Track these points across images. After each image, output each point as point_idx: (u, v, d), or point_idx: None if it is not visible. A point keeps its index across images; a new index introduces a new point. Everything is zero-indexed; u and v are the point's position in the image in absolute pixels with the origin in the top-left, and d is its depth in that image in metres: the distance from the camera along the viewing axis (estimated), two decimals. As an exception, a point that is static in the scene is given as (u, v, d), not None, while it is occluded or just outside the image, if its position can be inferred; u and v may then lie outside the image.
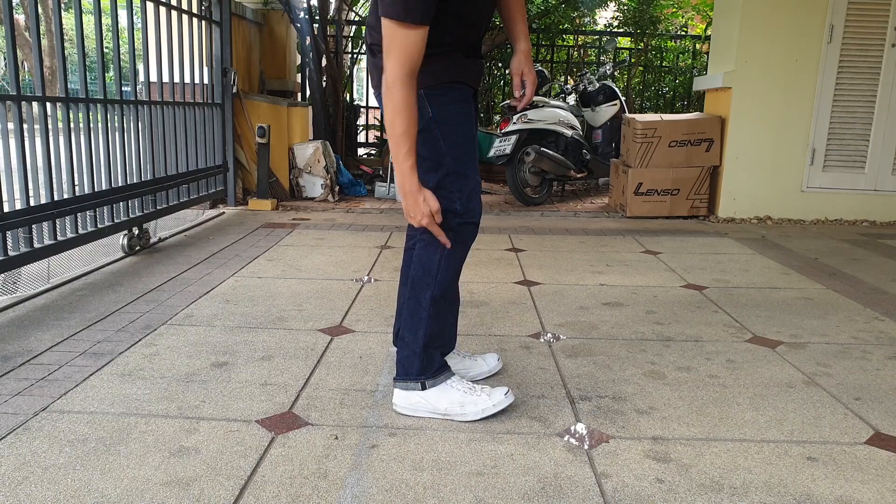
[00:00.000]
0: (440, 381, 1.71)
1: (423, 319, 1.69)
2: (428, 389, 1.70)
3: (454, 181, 1.64)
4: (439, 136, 1.62)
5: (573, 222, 4.59)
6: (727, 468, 1.48)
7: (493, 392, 1.71)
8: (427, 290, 1.68)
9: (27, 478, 1.38)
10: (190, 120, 4.17)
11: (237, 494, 1.35)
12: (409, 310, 1.71)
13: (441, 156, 1.62)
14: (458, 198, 1.65)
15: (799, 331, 2.41)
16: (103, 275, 2.97)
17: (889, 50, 4.50)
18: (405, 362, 1.72)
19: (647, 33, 7.24)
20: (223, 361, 2.02)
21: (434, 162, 1.62)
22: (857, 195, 4.71)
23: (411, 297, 1.70)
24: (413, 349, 1.70)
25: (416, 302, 1.69)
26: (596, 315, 2.54)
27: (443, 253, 1.66)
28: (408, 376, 1.71)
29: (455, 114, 1.63)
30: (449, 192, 1.63)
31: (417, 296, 1.69)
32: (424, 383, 1.70)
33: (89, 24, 10.80)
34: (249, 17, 5.48)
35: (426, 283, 1.68)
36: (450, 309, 1.76)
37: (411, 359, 1.71)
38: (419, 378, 1.70)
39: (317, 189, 5.34)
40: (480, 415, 1.68)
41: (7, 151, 2.61)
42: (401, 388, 1.72)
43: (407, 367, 1.71)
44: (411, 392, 1.70)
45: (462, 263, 1.73)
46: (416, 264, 1.70)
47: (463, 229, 1.67)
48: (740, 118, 4.63)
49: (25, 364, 1.96)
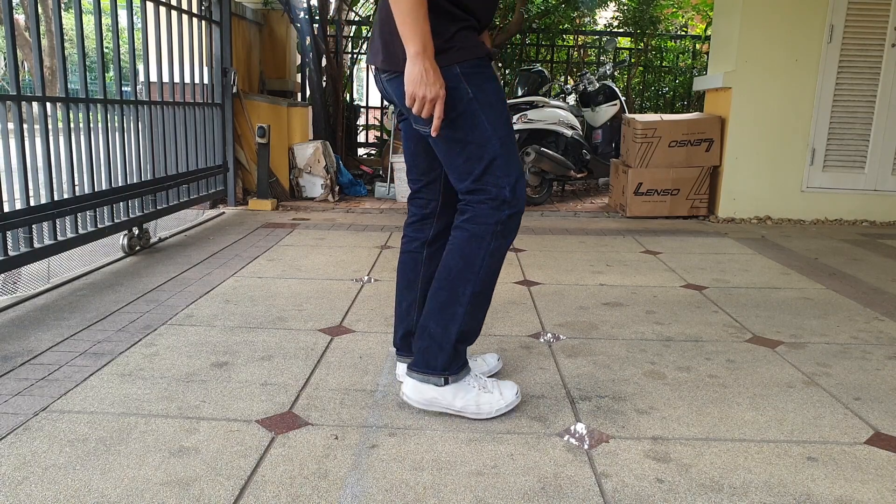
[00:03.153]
0: (461, 378, 1.66)
1: (458, 315, 1.59)
2: (449, 385, 1.64)
3: (502, 166, 1.53)
4: (483, 118, 1.51)
5: (573, 222, 4.59)
6: (727, 468, 1.48)
7: (504, 391, 1.70)
8: (467, 284, 1.57)
9: (27, 478, 1.38)
10: (190, 120, 4.17)
11: (237, 494, 1.35)
12: (438, 302, 1.60)
13: (487, 139, 1.51)
14: (507, 183, 1.53)
15: (799, 331, 2.41)
16: (103, 275, 2.97)
17: (889, 50, 4.50)
18: (427, 354, 1.63)
19: (647, 33, 7.24)
20: (223, 361, 2.02)
21: (479, 146, 1.51)
22: (856, 195, 4.71)
23: (443, 289, 1.59)
24: (440, 343, 1.61)
25: (450, 295, 1.59)
26: (596, 315, 2.54)
27: (488, 248, 1.56)
28: (430, 369, 1.63)
29: (494, 91, 1.54)
30: (497, 179, 1.52)
31: (454, 289, 1.58)
32: (448, 378, 1.63)
33: (89, 24, 10.78)
34: (249, 17, 5.48)
35: (466, 277, 1.57)
36: (485, 306, 1.65)
37: (436, 352, 1.62)
38: (443, 373, 1.63)
39: (317, 189, 5.34)
40: (494, 414, 1.67)
41: (7, 151, 2.61)
42: (418, 379, 1.64)
43: (429, 360, 1.63)
44: (429, 386, 1.64)
45: (503, 260, 1.62)
46: (454, 254, 1.58)
47: (511, 221, 1.56)
48: (740, 118, 4.63)
49: (25, 364, 1.96)
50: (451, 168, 1.59)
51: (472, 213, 1.57)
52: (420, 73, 1.44)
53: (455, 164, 1.57)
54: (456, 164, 1.57)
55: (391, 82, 1.59)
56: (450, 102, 1.50)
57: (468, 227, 1.57)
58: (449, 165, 1.59)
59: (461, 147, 1.52)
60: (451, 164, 1.58)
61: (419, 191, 1.79)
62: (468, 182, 1.56)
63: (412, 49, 1.44)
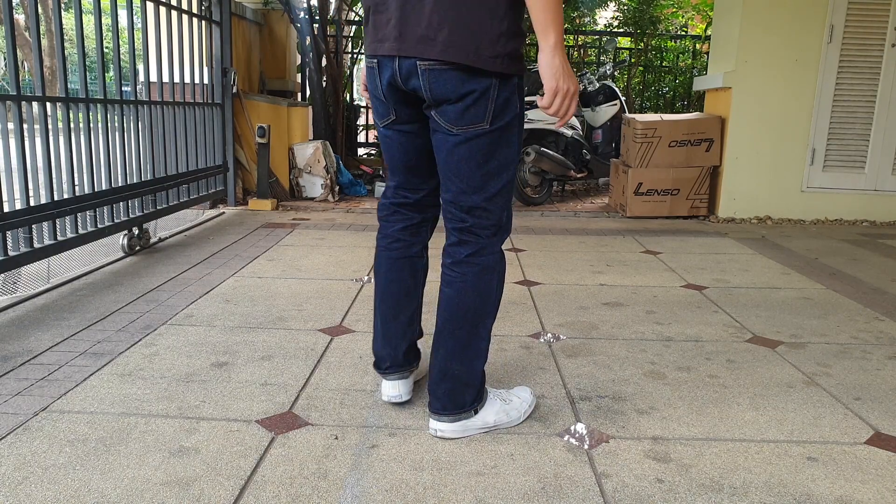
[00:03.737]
0: (486, 398, 1.64)
1: (482, 350, 1.57)
2: (480, 412, 1.62)
3: (509, 191, 1.51)
4: (516, 138, 1.48)
5: (573, 222, 4.59)
6: (727, 468, 1.48)
7: (519, 393, 1.72)
8: (487, 318, 1.55)
9: (27, 478, 1.38)
10: (190, 120, 4.17)
11: (237, 494, 1.35)
12: (458, 342, 1.54)
13: (511, 160, 1.49)
14: (506, 208, 1.54)
15: (799, 331, 2.41)
16: (103, 275, 2.97)
17: (889, 50, 4.50)
18: (454, 395, 1.57)
19: (647, 33, 7.24)
20: (223, 361, 2.02)
21: (502, 165, 1.47)
22: (856, 195, 4.71)
23: (461, 328, 1.53)
24: (467, 381, 1.57)
25: (470, 333, 1.54)
26: (596, 315, 2.54)
27: (499, 276, 1.54)
28: (460, 409, 1.58)
29: (523, 112, 1.52)
30: (504, 202, 1.52)
31: (474, 327, 1.54)
32: (477, 409, 1.61)
33: (89, 24, 10.78)
34: (249, 17, 5.48)
35: (486, 311, 1.54)
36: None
37: (463, 391, 1.57)
38: (473, 406, 1.59)
39: (317, 189, 5.34)
40: (523, 417, 1.67)
41: (7, 151, 2.61)
42: (449, 420, 1.58)
43: (458, 400, 1.57)
44: (463, 421, 1.59)
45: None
46: (467, 293, 1.52)
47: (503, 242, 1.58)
48: (740, 118, 4.63)
49: (25, 364, 1.96)
50: (462, 178, 1.48)
51: (477, 245, 1.53)
52: (561, 64, 1.37)
53: (471, 176, 1.47)
54: (472, 177, 1.48)
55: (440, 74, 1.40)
56: (503, 112, 1.44)
57: (476, 261, 1.52)
58: (461, 175, 1.48)
59: (486, 160, 1.45)
60: (465, 174, 1.47)
61: (421, 200, 1.67)
62: (477, 198, 1.49)
63: (553, 39, 1.35)
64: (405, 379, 1.73)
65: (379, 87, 1.52)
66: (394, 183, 1.68)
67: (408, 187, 1.66)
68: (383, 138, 1.62)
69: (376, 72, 1.50)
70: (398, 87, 1.48)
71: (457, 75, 1.40)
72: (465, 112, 1.42)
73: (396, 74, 1.46)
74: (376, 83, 1.52)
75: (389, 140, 1.61)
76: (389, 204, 1.69)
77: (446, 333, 1.55)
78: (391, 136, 1.59)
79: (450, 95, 1.42)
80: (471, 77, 1.40)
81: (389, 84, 1.49)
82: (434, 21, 1.38)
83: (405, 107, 1.54)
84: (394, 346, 1.70)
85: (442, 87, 1.41)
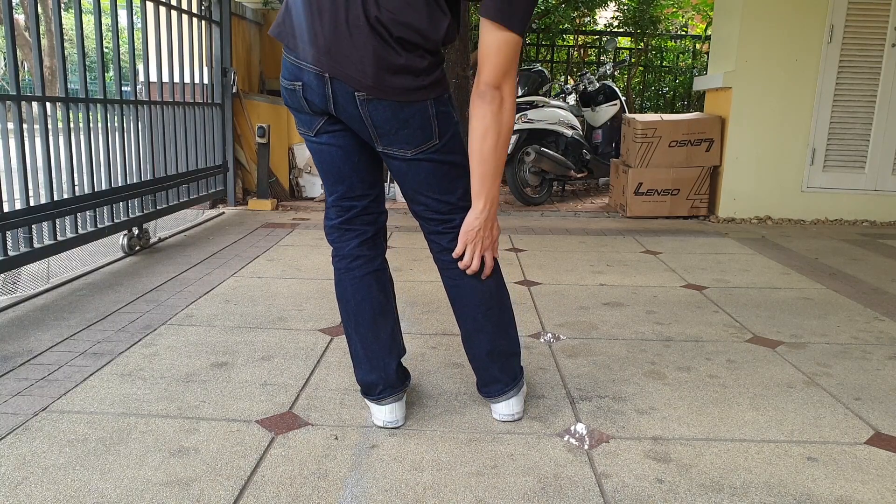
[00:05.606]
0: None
1: (512, 317, 1.64)
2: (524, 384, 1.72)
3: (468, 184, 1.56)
4: (462, 140, 1.53)
5: (573, 222, 4.59)
6: (727, 468, 1.48)
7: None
8: (504, 290, 1.62)
9: (27, 478, 1.38)
10: (190, 120, 4.17)
11: (237, 494, 1.35)
12: (494, 322, 1.59)
13: (465, 160, 1.52)
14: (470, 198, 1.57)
15: (799, 331, 2.41)
16: (103, 275, 2.97)
17: (889, 50, 4.50)
18: (507, 369, 1.64)
19: (647, 33, 7.24)
20: (223, 361, 2.02)
21: (461, 166, 1.52)
22: (857, 195, 4.71)
23: (492, 308, 1.59)
24: (512, 350, 1.64)
25: (500, 309, 1.61)
26: (596, 315, 2.54)
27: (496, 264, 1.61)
28: (516, 380, 1.66)
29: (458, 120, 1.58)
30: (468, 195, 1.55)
31: (502, 302, 1.61)
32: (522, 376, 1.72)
33: (89, 24, 10.80)
34: (249, 17, 5.48)
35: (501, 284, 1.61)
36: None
37: (512, 361, 1.65)
38: (521, 371, 1.69)
39: (317, 189, 5.34)
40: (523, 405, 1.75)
41: (7, 151, 2.61)
42: (514, 393, 1.65)
43: (511, 372, 1.65)
44: (521, 394, 1.69)
45: None
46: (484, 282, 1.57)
47: None
48: (740, 118, 4.63)
49: (25, 364, 1.96)
50: (431, 188, 1.51)
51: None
52: (491, 219, 1.50)
53: (440, 185, 1.50)
54: (441, 185, 1.51)
55: (375, 105, 1.40)
56: (444, 126, 1.47)
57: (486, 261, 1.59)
58: (429, 186, 1.51)
59: (449, 167, 1.50)
60: (433, 184, 1.51)
61: (368, 206, 1.60)
62: (453, 197, 1.53)
63: (486, 202, 1.46)
64: (400, 402, 1.64)
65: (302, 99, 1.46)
66: (336, 195, 1.58)
67: (353, 195, 1.58)
68: (318, 149, 1.54)
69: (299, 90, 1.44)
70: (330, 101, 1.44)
71: (386, 104, 1.40)
72: (411, 136, 1.44)
73: (330, 100, 1.42)
74: (298, 97, 1.46)
75: (327, 147, 1.52)
76: (337, 225, 1.60)
77: (482, 318, 1.59)
78: (326, 140, 1.52)
79: (385, 122, 1.42)
80: (403, 106, 1.41)
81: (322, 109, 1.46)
82: (357, 52, 1.36)
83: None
84: (383, 366, 1.61)
85: (378, 114, 1.41)
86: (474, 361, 1.66)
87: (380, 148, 1.48)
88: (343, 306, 1.61)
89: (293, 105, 1.50)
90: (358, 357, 1.63)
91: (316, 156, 1.56)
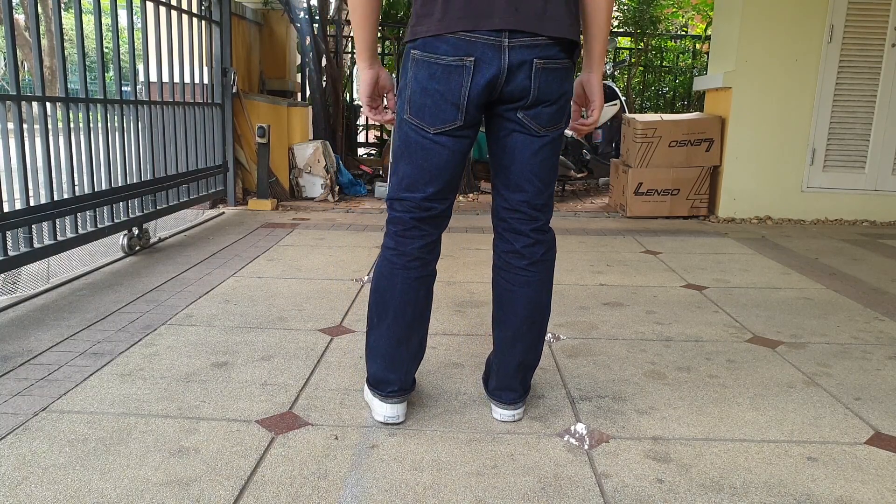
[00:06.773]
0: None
1: (545, 334, 1.66)
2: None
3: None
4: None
5: (573, 222, 4.59)
6: (727, 468, 1.48)
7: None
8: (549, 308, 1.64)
9: (27, 478, 1.38)
10: (190, 120, 4.17)
11: (237, 494, 1.35)
12: (535, 335, 1.61)
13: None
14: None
15: (799, 331, 2.41)
16: (103, 275, 2.97)
17: (889, 50, 4.50)
18: (526, 382, 1.68)
19: (647, 33, 7.23)
20: (223, 361, 2.02)
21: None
22: (857, 195, 4.71)
23: (537, 323, 1.60)
24: (535, 365, 1.68)
25: (544, 323, 1.62)
26: (596, 315, 2.54)
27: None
28: (528, 391, 1.71)
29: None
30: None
31: (545, 318, 1.61)
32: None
33: (89, 24, 10.78)
34: (249, 17, 5.48)
35: (550, 305, 1.63)
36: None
37: (531, 376, 1.70)
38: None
39: (317, 189, 5.34)
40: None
41: (7, 151, 2.61)
42: (522, 403, 1.69)
43: (527, 385, 1.70)
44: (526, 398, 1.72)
45: None
46: (545, 290, 1.58)
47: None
48: (740, 118, 4.63)
49: (25, 364, 1.96)
50: (540, 178, 1.50)
51: (548, 241, 1.58)
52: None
53: (547, 175, 1.51)
54: (548, 175, 1.51)
55: (548, 74, 1.39)
56: (568, 112, 1.50)
57: (550, 256, 1.59)
58: (541, 175, 1.50)
59: (557, 157, 1.51)
60: (544, 173, 1.51)
61: (446, 210, 1.55)
62: (546, 194, 1.54)
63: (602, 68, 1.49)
64: (405, 402, 1.65)
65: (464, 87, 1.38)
66: (423, 195, 1.50)
67: (439, 198, 1.52)
68: (429, 146, 1.45)
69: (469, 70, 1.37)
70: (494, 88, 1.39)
71: (561, 73, 1.43)
72: (556, 113, 1.46)
73: (502, 73, 1.37)
74: (462, 82, 1.38)
75: (440, 147, 1.45)
76: (411, 219, 1.52)
77: (525, 329, 1.60)
78: (444, 142, 1.44)
79: (551, 96, 1.43)
80: (567, 76, 1.45)
81: (488, 84, 1.39)
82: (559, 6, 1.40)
83: (477, 109, 1.43)
84: (404, 370, 1.60)
85: (553, 83, 1.42)
86: (500, 367, 1.65)
87: (524, 118, 1.44)
88: (383, 298, 1.55)
89: (441, 89, 1.39)
90: (378, 352, 1.59)
91: (420, 152, 1.46)
